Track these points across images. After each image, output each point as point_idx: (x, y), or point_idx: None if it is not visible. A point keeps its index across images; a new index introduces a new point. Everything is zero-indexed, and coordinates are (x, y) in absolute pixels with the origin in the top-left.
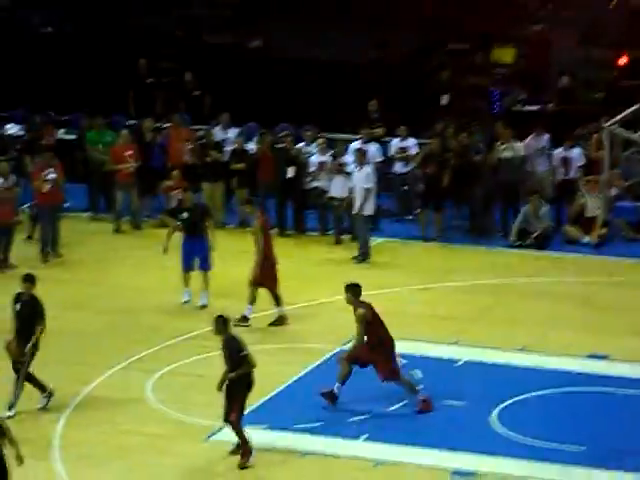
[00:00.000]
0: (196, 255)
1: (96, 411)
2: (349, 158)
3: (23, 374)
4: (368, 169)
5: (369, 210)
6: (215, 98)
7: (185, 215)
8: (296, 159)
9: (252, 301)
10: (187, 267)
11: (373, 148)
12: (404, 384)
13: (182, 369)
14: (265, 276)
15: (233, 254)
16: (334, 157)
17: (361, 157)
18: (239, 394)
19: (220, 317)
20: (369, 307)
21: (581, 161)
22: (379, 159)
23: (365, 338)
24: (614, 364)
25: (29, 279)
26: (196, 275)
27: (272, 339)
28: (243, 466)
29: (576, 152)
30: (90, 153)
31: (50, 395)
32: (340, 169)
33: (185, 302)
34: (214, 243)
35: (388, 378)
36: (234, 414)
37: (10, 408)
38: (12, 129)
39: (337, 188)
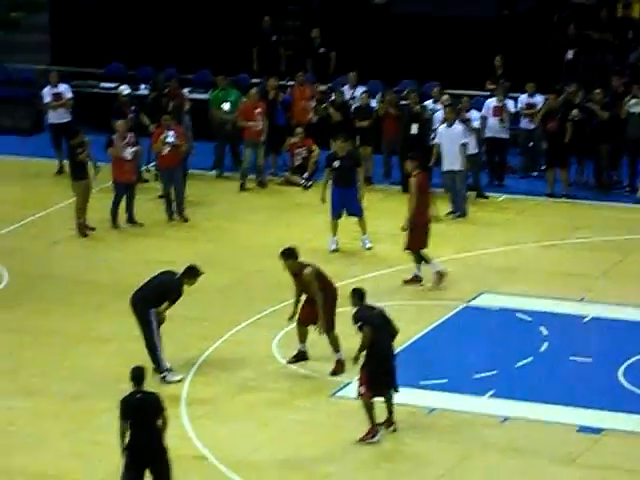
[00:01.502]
0: (348, 203)
1: (223, 368)
2: (475, 114)
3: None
4: (459, 126)
5: (462, 165)
6: (340, 56)
7: (337, 164)
8: (420, 116)
9: (418, 261)
10: (337, 215)
11: (510, 103)
12: (332, 340)
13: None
14: (419, 238)
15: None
16: (458, 113)
17: (451, 114)
18: (365, 366)
19: (355, 290)
20: (312, 266)
21: None
22: (514, 111)
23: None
24: None
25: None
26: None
27: (400, 296)
28: (362, 440)
29: None
30: (214, 112)
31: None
32: (468, 125)
33: (333, 251)
34: (364, 191)
35: (326, 332)
36: (361, 387)
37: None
38: (126, 90)
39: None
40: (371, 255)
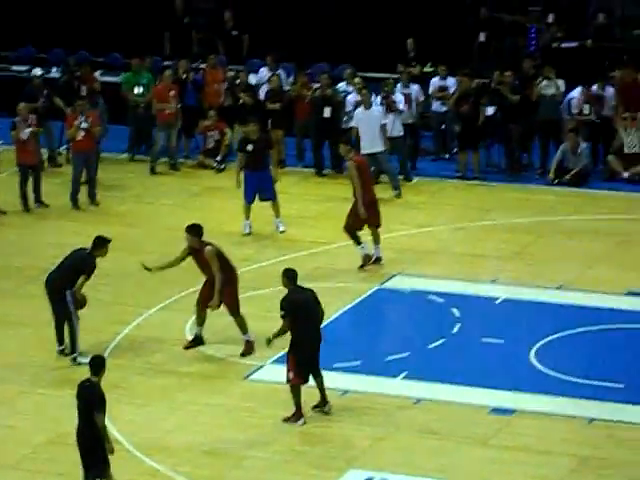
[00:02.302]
0: (262, 187)
1: (135, 352)
2: (399, 96)
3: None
4: (377, 108)
5: (384, 145)
6: (252, 38)
7: (250, 147)
8: (332, 99)
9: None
10: (250, 199)
11: (415, 88)
12: (239, 321)
13: (220, 309)
14: (367, 216)
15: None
16: (386, 96)
17: (367, 97)
18: (292, 352)
19: (286, 270)
20: (213, 245)
21: (614, 100)
22: (421, 99)
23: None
24: None
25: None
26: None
27: (312, 279)
28: (286, 420)
29: (609, 90)
30: (126, 94)
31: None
32: (393, 107)
33: (247, 234)
34: (276, 174)
35: (232, 314)
36: (289, 373)
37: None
38: (38, 72)
39: (390, 127)
40: (284, 238)
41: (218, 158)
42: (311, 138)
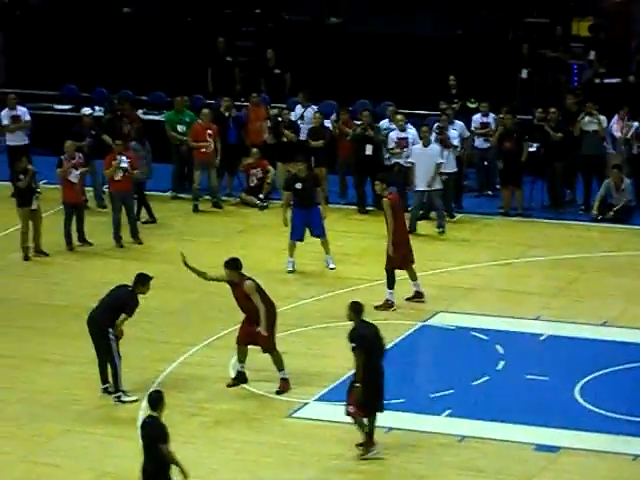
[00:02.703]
0: (312, 223)
1: (179, 389)
2: (453, 132)
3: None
4: (435, 146)
5: (439, 184)
6: (295, 76)
7: (299, 186)
8: (374, 137)
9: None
10: (298, 237)
11: (460, 124)
12: (275, 358)
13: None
14: (400, 258)
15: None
16: (440, 132)
17: (426, 133)
18: (355, 386)
19: (353, 303)
20: (253, 280)
21: None
22: (466, 135)
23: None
24: None
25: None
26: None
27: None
28: (362, 456)
29: None
30: (169, 133)
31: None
32: (447, 143)
33: (290, 271)
34: (325, 211)
35: (267, 350)
36: (350, 407)
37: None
38: (87, 111)
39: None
40: (327, 275)
41: (261, 196)
42: (353, 175)
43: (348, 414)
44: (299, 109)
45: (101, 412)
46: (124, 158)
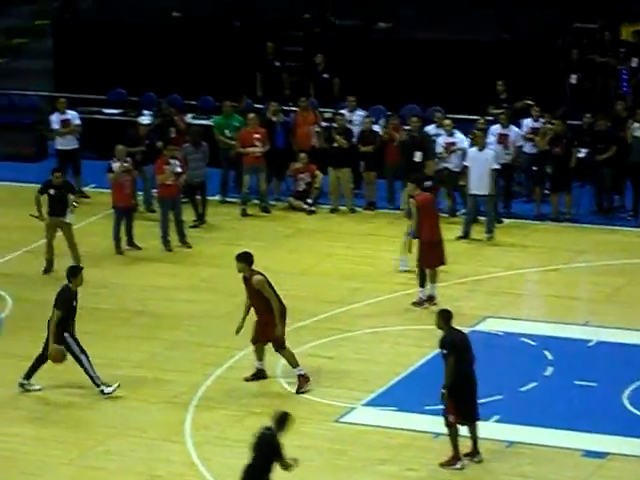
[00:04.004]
0: None
1: (227, 393)
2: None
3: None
4: (490, 151)
5: (492, 190)
6: (343, 81)
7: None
8: (423, 143)
9: (421, 283)
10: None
11: (515, 129)
12: (287, 356)
13: (311, 351)
14: (429, 257)
15: (362, 236)
16: (474, 135)
17: (481, 138)
18: (452, 394)
19: (442, 311)
20: (263, 274)
21: None
22: (519, 143)
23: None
24: None
25: None
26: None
27: (404, 321)
28: (444, 465)
29: None
30: (217, 137)
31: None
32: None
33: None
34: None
35: (277, 348)
36: (450, 415)
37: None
38: (145, 120)
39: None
40: (376, 280)
41: (309, 200)
42: (402, 180)
43: (448, 424)
44: (347, 114)
45: (149, 416)
46: (176, 162)
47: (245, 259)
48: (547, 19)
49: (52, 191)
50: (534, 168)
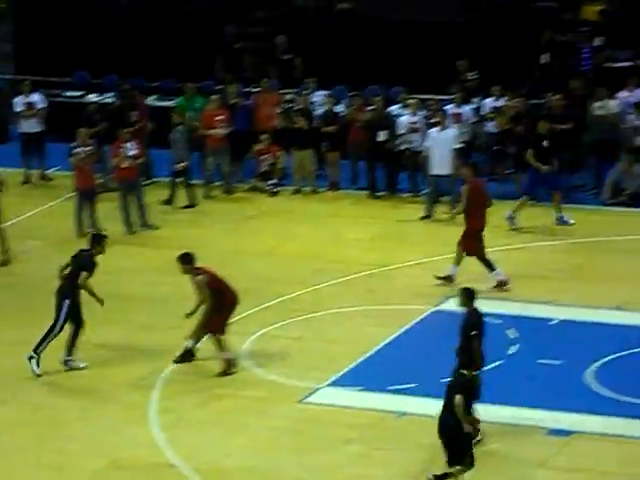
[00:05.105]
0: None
1: (192, 375)
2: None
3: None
4: (451, 130)
5: (453, 169)
6: (305, 62)
7: (546, 143)
8: (387, 122)
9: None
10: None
11: (468, 109)
12: (216, 341)
13: (276, 332)
14: (471, 244)
15: (325, 217)
16: (432, 113)
17: (443, 117)
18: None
19: (465, 289)
20: (208, 272)
21: None
22: (473, 120)
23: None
24: None
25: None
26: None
27: (368, 301)
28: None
29: None
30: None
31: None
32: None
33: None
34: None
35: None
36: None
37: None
38: (93, 98)
39: None
40: (339, 260)
41: (272, 181)
42: (365, 160)
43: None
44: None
45: (113, 399)
46: (130, 145)
47: (184, 261)
48: None
49: None
50: (496, 147)
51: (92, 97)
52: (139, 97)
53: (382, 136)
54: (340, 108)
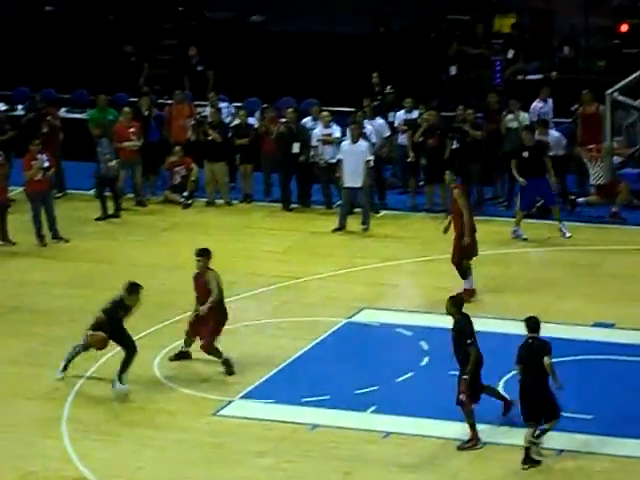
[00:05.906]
0: (542, 193)
1: (103, 388)
2: (369, 128)
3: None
4: (364, 143)
5: (366, 182)
6: (218, 74)
7: (526, 154)
8: (300, 134)
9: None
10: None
11: (381, 122)
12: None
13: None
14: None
15: (238, 229)
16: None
17: (357, 130)
18: (462, 376)
19: (452, 297)
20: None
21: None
22: (387, 134)
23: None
24: (620, 332)
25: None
26: None
27: (281, 313)
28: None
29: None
30: (92, 131)
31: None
32: (365, 139)
33: (524, 239)
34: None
35: (206, 350)
36: (462, 395)
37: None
38: (1, 107)
39: None
40: (251, 273)
41: (185, 194)
42: (278, 173)
43: (460, 403)
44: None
45: (25, 412)
46: (44, 157)
47: (208, 256)
48: (421, 11)
49: None
50: (408, 160)
51: (0, 106)
52: (52, 109)
53: (296, 148)
54: (253, 120)
